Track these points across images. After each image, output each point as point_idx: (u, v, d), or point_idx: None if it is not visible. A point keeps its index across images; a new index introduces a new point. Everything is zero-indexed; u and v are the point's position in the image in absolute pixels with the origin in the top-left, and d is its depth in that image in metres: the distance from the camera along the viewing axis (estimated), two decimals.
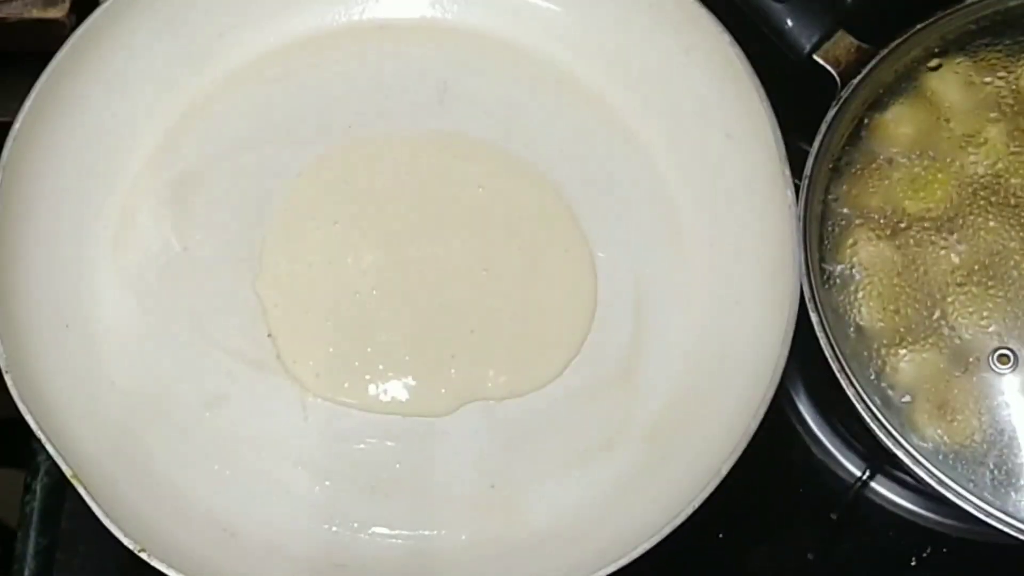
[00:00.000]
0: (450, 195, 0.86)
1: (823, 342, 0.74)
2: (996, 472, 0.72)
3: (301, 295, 0.83)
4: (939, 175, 0.76)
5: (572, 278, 0.84)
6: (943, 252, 0.75)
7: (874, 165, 0.78)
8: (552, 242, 0.85)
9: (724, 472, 0.72)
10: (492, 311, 0.83)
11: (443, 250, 0.85)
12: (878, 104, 0.79)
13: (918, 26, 0.80)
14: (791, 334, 0.75)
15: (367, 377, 0.82)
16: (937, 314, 0.74)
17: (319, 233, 0.85)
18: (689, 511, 0.72)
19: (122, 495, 0.75)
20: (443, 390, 0.82)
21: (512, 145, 0.87)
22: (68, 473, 0.73)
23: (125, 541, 0.72)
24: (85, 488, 0.73)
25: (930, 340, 0.74)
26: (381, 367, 0.82)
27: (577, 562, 0.74)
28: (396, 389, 0.82)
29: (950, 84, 0.78)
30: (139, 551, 0.72)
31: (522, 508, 0.79)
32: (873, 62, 0.79)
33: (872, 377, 0.74)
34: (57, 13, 0.89)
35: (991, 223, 0.75)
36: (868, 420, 0.73)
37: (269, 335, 0.83)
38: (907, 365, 0.74)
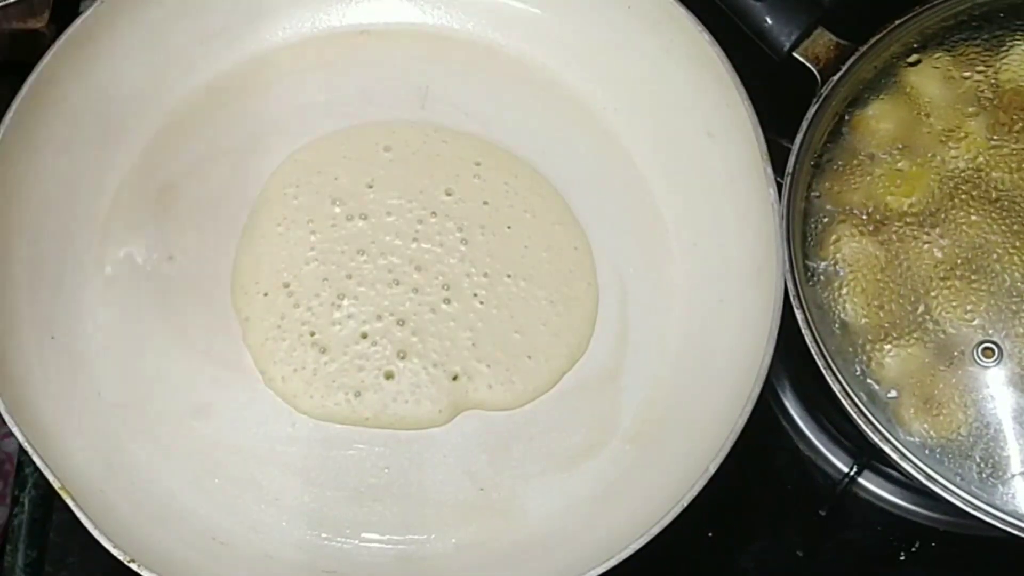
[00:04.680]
0: (440, 195, 0.86)
1: (808, 339, 0.75)
2: (983, 465, 0.72)
3: (274, 306, 0.83)
4: (920, 170, 0.77)
5: (574, 287, 0.84)
6: (926, 247, 0.75)
7: (855, 161, 0.78)
8: (557, 243, 0.85)
9: (712, 471, 0.72)
10: (491, 319, 0.83)
11: (435, 253, 0.84)
12: (858, 100, 0.79)
13: (896, 22, 0.80)
14: (776, 331, 0.75)
15: (352, 394, 0.81)
16: (921, 309, 0.74)
17: (293, 239, 0.84)
18: (678, 511, 0.72)
19: (111, 506, 0.75)
20: (440, 409, 0.81)
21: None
22: (56, 485, 0.73)
23: (115, 552, 0.72)
24: (73, 499, 0.72)
25: (915, 335, 0.74)
26: (368, 380, 0.81)
27: (567, 563, 0.74)
28: (385, 404, 0.81)
29: (929, 79, 0.78)
30: (129, 562, 0.71)
31: (512, 511, 0.79)
32: (852, 59, 0.80)
33: (858, 373, 0.74)
34: (37, 24, 0.89)
35: (973, 217, 0.75)
36: (854, 416, 0.74)
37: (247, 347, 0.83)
38: (892, 360, 0.74)
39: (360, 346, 0.82)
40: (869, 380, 0.74)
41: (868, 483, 0.86)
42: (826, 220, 0.77)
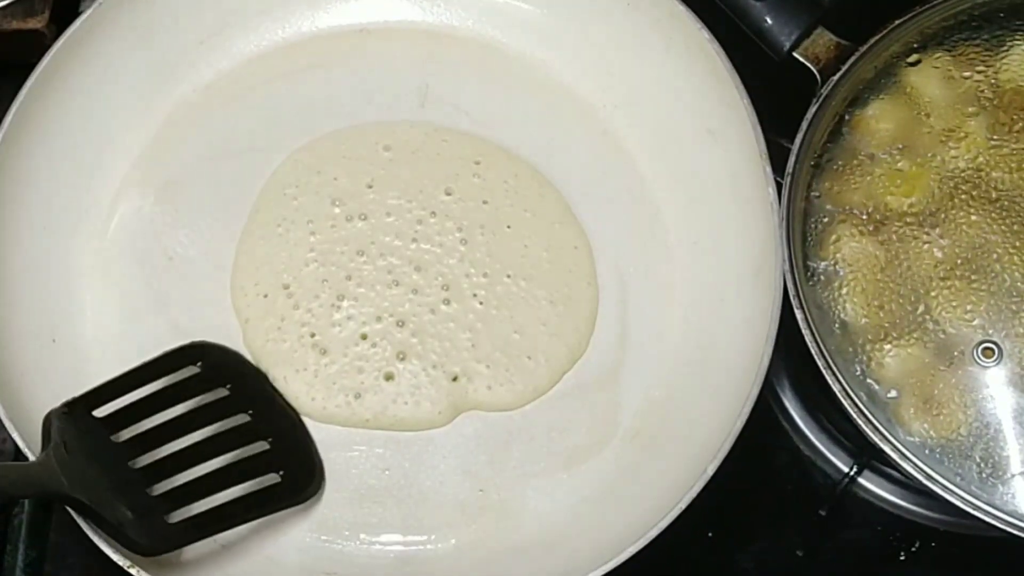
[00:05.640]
0: (440, 195, 0.86)
1: (808, 339, 0.75)
2: (982, 465, 0.72)
3: (274, 307, 0.83)
4: (920, 170, 0.77)
5: (574, 286, 0.84)
6: (926, 247, 0.75)
7: (855, 161, 0.78)
8: (557, 243, 0.85)
9: (711, 472, 0.72)
10: (490, 320, 0.83)
11: (434, 254, 0.84)
12: (858, 100, 0.79)
13: (896, 22, 0.80)
14: (775, 331, 0.75)
15: (352, 396, 0.81)
16: (921, 309, 0.74)
17: (293, 240, 0.84)
18: (676, 513, 0.72)
19: None
20: (439, 411, 0.81)
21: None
22: None
23: (114, 557, 0.72)
24: None
25: (915, 335, 0.74)
26: (368, 382, 0.81)
27: (567, 565, 0.74)
28: (384, 406, 0.81)
29: (929, 79, 0.78)
30: (128, 567, 0.71)
31: (511, 512, 0.79)
32: (853, 59, 0.80)
33: (858, 373, 0.74)
34: (37, 24, 0.89)
35: (973, 217, 0.75)
36: (854, 416, 0.74)
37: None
38: (892, 360, 0.74)
39: (360, 347, 0.82)
40: (869, 380, 0.74)
41: (868, 483, 0.86)
42: (826, 220, 0.77)
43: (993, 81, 0.77)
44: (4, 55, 0.90)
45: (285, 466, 0.76)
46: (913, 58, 0.79)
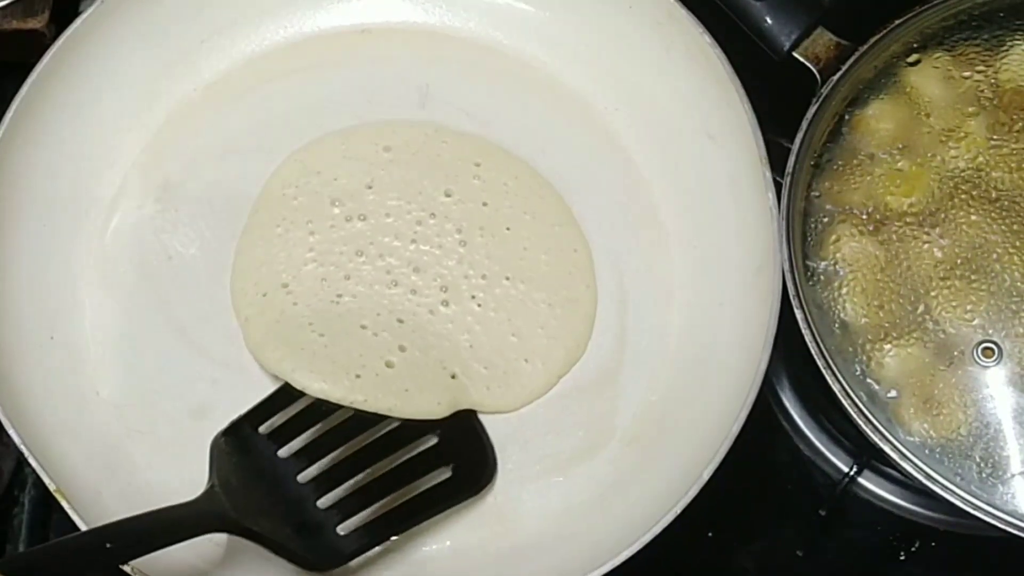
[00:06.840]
0: (440, 196, 0.86)
1: (808, 339, 0.74)
2: (982, 465, 0.72)
3: (273, 303, 0.82)
4: (920, 170, 0.77)
5: (573, 289, 0.84)
6: (926, 247, 0.75)
7: (855, 161, 0.78)
8: (557, 245, 0.85)
9: (706, 477, 0.72)
10: (489, 322, 0.83)
11: (433, 255, 0.84)
12: (858, 100, 0.79)
13: (896, 22, 0.80)
14: (774, 333, 0.75)
15: (354, 376, 0.79)
16: (921, 309, 0.74)
17: (292, 240, 0.84)
18: (671, 517, 0.72)
19: (108, 508, 0.75)
20: (439, 401, 0.80)
21: None
22: (52, 488, 0.72)
23: None
24: (69, 503, 0.72)
25: (914, 335, 0.74)
26: (369, 364, 0.80)
27: (564, 567, 0.74)
28: (384, 388, 0.80)
29: (929, 79, 0.78)
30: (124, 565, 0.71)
31: (508, 514, 0.79)
32: (852, 58, 0.80)
33: (857, 373, 0.74)
34: (36, 24, 0.89)
35: (973, 217, 0.75)
36: (854, 416, 0.73)
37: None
38: (892, 360, 0.74)
39: (360, 336, 0.81)
40: (869, 380, 0.74)
41: (868, 483, 0.86)
42: (826, 220, 0.77)
43: (993, 81, 0.77)
44: (4, 55, 0.90)
45: (456, 458, 0.75)
46: (913, 58, 0.79)
